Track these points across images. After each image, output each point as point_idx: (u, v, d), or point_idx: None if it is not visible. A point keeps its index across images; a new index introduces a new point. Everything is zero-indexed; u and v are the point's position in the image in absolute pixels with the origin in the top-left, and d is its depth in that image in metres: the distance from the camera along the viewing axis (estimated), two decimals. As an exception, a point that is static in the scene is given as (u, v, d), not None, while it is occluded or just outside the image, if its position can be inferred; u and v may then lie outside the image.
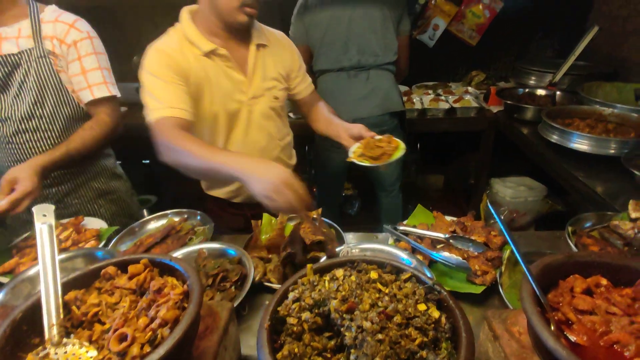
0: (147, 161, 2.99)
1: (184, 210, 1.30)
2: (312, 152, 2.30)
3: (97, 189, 1.42)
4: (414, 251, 1.08)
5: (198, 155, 0.94)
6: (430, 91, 2.69)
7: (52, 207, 0.70)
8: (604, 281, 0.63)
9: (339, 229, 1.19)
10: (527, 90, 2.26)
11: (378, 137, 1.16)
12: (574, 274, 0.65)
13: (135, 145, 2.27)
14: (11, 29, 1.23)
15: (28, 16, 1.24)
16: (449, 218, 1.22)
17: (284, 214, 1.05)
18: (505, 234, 0.68)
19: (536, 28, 2.84)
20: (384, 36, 1.80)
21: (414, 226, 1.18)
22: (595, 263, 0.65)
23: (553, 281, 0.65)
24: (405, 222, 1.21)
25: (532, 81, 2.41)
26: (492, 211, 0.68)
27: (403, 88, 2.77)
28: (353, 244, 1.10)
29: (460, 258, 1.00)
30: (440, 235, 1.11)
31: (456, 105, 2.39)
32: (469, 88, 2.67)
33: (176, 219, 1.30)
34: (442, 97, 2.52)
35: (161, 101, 1.04)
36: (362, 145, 1.16)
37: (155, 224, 1.28)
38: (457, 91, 2.64)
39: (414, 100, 2.47)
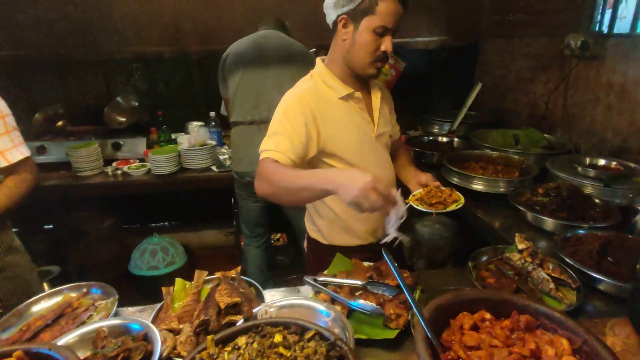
0: (50, 226, 2.69)
1: (83, 283, 1.17)
2: (236, 204, 2.27)
3: (-14, 267, 1.23)
4: (333, 301, 1.08)
5: (291, 176, 1.04)
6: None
7: None
8: (487, 315, 0.69)
9: (259, 286, 1.16)
10: (431, 138, 2.53)
11: (442, 188, 1.27)
12: (462, 312, 0.70)
13: (36, 209, 2.05)
14: None
15: None
16: (366, 263, 1.26)
17: (370, 212, 0.94)
18: (398, 278, 0.72)
19: (435, 84, 3.25)
20: None
21: (334, 275, 1.19)
22: (479, 299, 0.71)
23: (446, 321, 0.69)
24: (325, 272, 1.22)
25: (435, 129, 2.72)
26: (385, 256, 0.72)
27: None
28: (273, 301, 1.07)
29: (375, 304, 1.02)
30: (357, 283, 1.13)
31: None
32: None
33: (73, 294, 1.15)
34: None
35: (277, 145, 1.12)
36: (424, 191, 1.26)
37: (47, 302, 1.12)
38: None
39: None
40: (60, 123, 2.59)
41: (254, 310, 1.01)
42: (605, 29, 2.12)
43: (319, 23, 3.19)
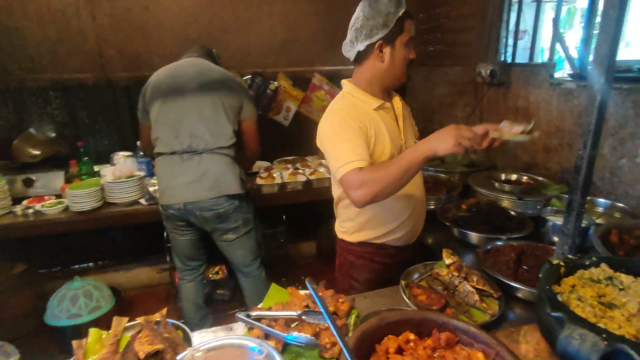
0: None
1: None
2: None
3: None
4: (267, 336, 1.03)
5: (390, 166, 1.13)
6: (289, 165, 2.88)
7: None
8: (412, 336, 0.70)
9: (186, 329, 1.07)
10: (366, 160, 2.62)
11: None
12: (388, 335, 0.70)
13: None
14: None
15: None
16: (303, 292, 1.23)
17: (469, 148, 1.07)
18: (320, 307, 0.71)
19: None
20: (215, 122, 1.87)
21: (269, 308, 1.15)
22: (403, 320, 0.72)
23: (372, 346, 0.69)
24: (260, 305, 1.17)
25: (370, 152, 2.82)
26: (308, 285, 0.70)
27: (265, 164, 2.91)
28: (200, 344, 0.99)
29: (310, 335, 0.99)
30: (292, 314, 1.10)
31: (312, 177, 2.60)
32: (322, 161, 2.96)
33: (-40, 360, 0.98)
34: (300, 171, 2.72)
35: (347, 156, 1.18)
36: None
37: None
38: (313, 164, 2.89)
39: (275, 175, 2.60)
40: (-44, 159, 2.27)
41: (178, 358, 0.93)
42: (509, 59, 2.39)
43: (250, 52, 3.24)
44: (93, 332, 1.04)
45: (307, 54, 3.16)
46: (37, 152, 2.39)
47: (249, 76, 2.95)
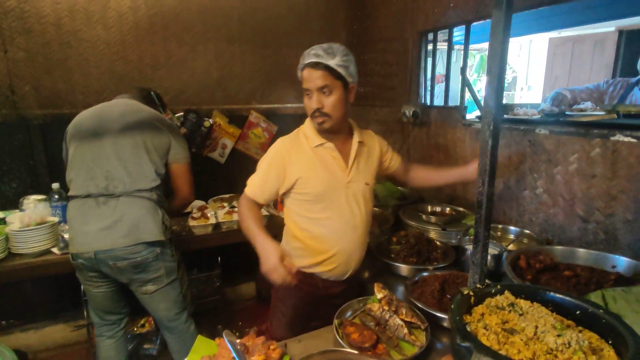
0: None
1: None
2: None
3: None
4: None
5: (245, 224, 1.40)
6: (225, 204, 2.79)
7: None
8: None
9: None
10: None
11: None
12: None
13: None
14: None
15: None
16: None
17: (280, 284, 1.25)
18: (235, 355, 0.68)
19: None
20: (135, 164, 1.77)
21: (194, 362, 1.07)
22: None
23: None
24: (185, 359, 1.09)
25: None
26: (226, 340, 0.67)
27: (199, 203, 2.80)
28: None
29: (238, 389, 0.94)
30: (220, 367, 1.03)
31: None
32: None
33: None
34: (237, 209, 2.65)
35: (253, 182, 1.50)
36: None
37: None
38: (251, 201, 2.84)
39: (209, 214, 2.50)
40: None
41: None
42: (428, 102, 2.64)
43: (183, 89, 3.20)
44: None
45: (243, 91, 3.20)
46: None
47: (181, 113, 2.90)
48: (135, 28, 2.74)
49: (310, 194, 1.47)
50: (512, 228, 1.87)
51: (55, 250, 2.01)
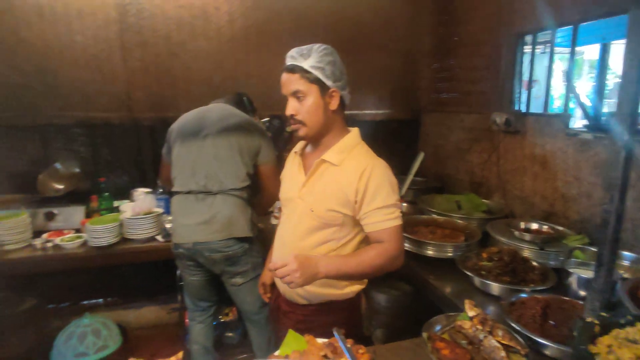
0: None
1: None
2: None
3: None
4: (285, 388, 0.99)
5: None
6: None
7: None
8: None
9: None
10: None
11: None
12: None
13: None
14: None
15: None
16: (320, 340, 1.19)
17: None
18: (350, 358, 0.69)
19: (382, 152, 3.46)
20: (230, 164, 1.91)
21: (286, 356, 1.11)
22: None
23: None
24: (277, 353, 1.13)
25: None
26: (336, 336, 0.68)
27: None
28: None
29: (330, 389, 0.95)
30: (311, 364, 1.06)
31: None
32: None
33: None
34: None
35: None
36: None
37: None
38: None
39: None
40: (-16, 191, 2.35)
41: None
42: (523, 109, 2.45)
43: (271, 95, 3.38)
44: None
45: (324, 98, 3.29)
46: (60, 187, 2.46)
47: (267, 119, 3.06)
48: (231, 39, 2.98)
49: (282, 197, 1.49)
50: (626, 253, 1.64)
51: (159, 238, 2.26)
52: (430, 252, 1.89)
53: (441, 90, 3.22)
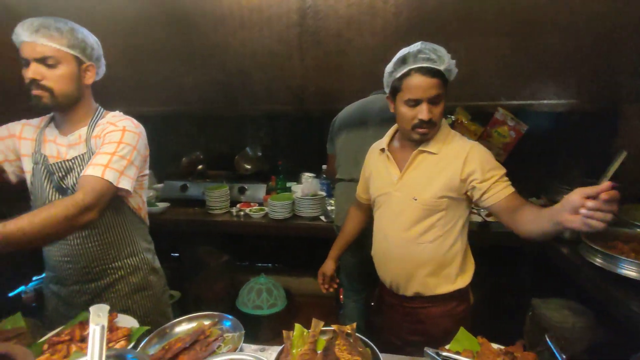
0: (176, 255, 3.07)
1: (216, 313, 1.29)
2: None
3: (134, 284, 1.43)
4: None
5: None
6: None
7: (107, 307, 0.73)
8: None
9: (375, 348, 1.12)
10: (560, 208, 2.26)
11: None
12: None
13: (169, 237, 2.38)
14: (73, 135, 1.32)
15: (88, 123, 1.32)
16: (496, 346, 1.13)
17: None
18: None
19: (562, 149, 2.97)
20: None
21: (457, 352, 1.10)
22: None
23: None
24: (447, 347, 1.13)
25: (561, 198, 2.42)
26: (553, 348, 0.64)
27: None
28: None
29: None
30: (487, 366, 1.02)
31: (489, 219, 2.40)
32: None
33: (206, 322, 1.27)
34: (474, 210, 2.55)
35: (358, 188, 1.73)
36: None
37: (185, 325, 1.26)
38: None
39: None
40: (200, 167, 3.06)
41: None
42: None
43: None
44: (298, 327, 1.20)
45: (491, 86, 3.00)
46: (249, 167, 2.99)
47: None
48: (395, 32, 3.00)
49: (372, 198, 1.54)
50: None
51: (322, 218, 2.51)
52: (631, 274, 1.54)
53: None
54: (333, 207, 2.53)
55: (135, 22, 2.93)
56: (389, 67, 1.38)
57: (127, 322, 1.25)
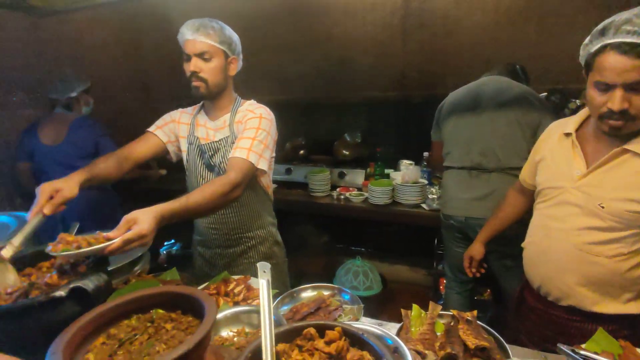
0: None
1: (335, 285, 1.39)
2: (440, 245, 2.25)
3: (262, 252, 1.63)
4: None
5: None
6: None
7: (269, 265, 0.85)
8: None
9: (500, 338, 1.09)
10: None
11: None
12: None
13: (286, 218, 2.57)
14: (219, 121, 1.52)
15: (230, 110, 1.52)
16: (640, 351, 1.02)
17: None
18: None
19: None
20: (509, 141, 1.82)
21: (596, 353, 1.01)
22: None
23: None
24: (584, 346, 1.05)
25: None
26: None
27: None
28: None
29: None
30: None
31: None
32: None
33: (326, 292, 1.38)
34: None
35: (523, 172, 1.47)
36: None
37: (310, 293, 1.38)
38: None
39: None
40: (302, 152, 3.24)
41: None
42: None
43: (553, 68, 2.94)
44: (415, 308, 1.23)
45: None
46: (347, 153, 3.07)
47: (545, 93, 2.71)
48: (510, 8, 2.75)
49: (543, 186, 1.28)
50: None
51: (424, 206, 2.48)
52: None
53: None
54: (434, 196, 2.48)
55: (252, 18, 3.18)
56: (587, 39, 1.09)
57: (258, 284, 1.42)
